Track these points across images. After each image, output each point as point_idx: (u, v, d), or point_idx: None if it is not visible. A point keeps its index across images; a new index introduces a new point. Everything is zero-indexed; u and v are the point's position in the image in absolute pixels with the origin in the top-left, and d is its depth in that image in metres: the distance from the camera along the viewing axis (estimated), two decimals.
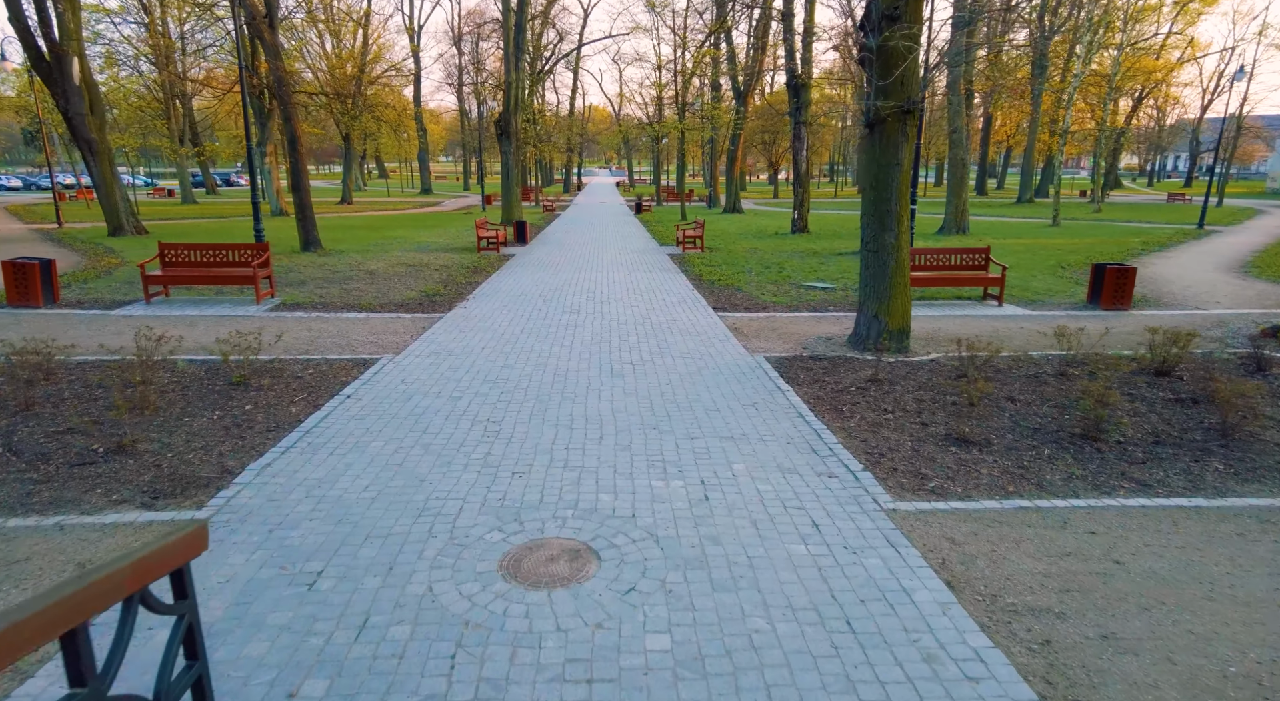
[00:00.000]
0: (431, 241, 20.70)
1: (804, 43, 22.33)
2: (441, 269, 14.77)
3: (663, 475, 4.67)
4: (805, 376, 7.03)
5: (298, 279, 13.14)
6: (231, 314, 10.03)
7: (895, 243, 7.71)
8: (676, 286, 12.70)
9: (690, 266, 15.47)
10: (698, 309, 10.57)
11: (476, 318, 9.83)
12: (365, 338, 8.69)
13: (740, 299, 11.47)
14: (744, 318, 10.02)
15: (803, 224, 23.67)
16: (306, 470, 4.77)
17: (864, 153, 7.80)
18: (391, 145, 57.11)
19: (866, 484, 4.59)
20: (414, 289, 12.19)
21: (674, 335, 8.80)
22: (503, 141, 25.57)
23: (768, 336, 8.86)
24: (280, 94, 16.26)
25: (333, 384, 6.76)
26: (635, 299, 11.36)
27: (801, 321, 9.79)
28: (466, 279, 13.54)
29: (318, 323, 9.52)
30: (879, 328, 7.94)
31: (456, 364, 7.42)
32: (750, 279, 13.51)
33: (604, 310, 10.40)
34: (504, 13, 24.31)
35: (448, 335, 8.77)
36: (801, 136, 23.27)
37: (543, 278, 13.68)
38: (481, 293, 11.97)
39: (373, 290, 12.02)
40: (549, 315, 10.02)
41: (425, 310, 10.44)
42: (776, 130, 54.05)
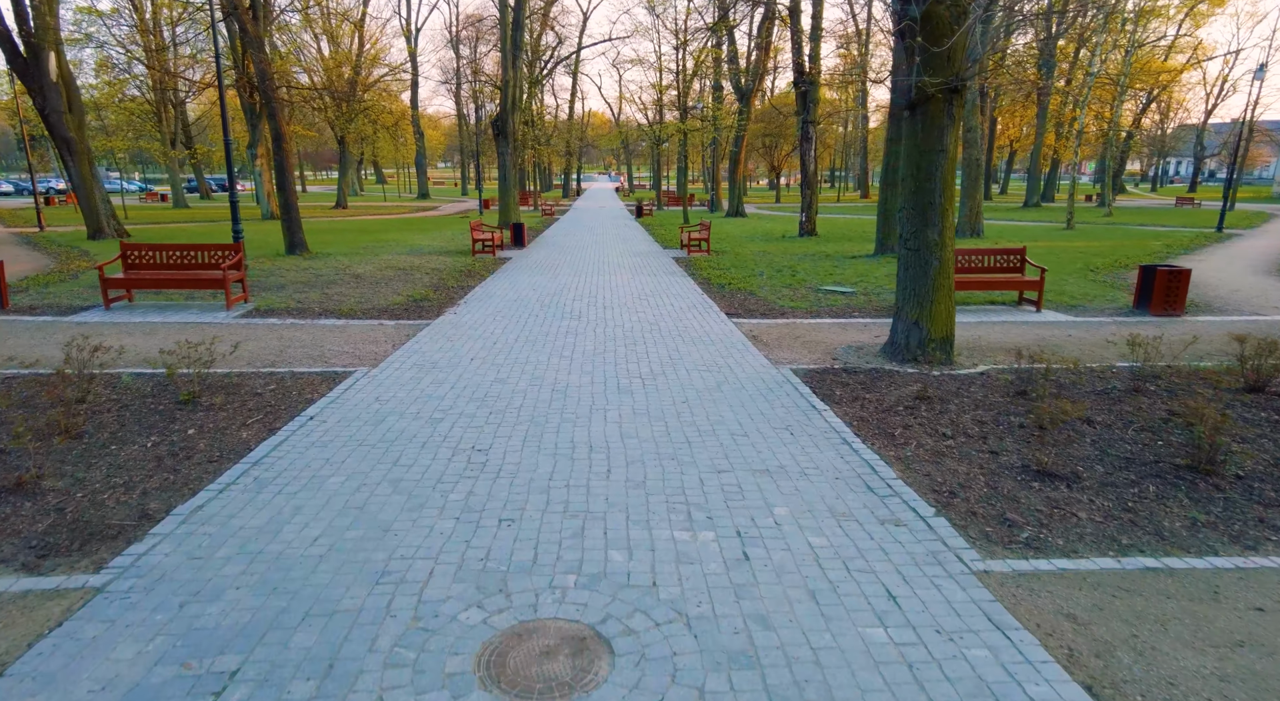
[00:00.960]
0: (425, 245, 19.81)
1: (811, 40, 21.51)
2: (432, 273, 13.86)
3: (688, 523, 3.75)
4: (842, 393, 6.11)
5: (276, 283, 12.22)
6: (198, 321, 9.11)
7: (939, 240, 6.81)
8: (684, 290, 11.80)
9: (697, 270, 14.57)
10: (709, 314, 9.67)
11: (467, 325, 8.92)
12: (340, 347, 7.76)
13: (755, 304, 10.57)
14: (762, 324, 9.11)
15: (811, 227, 22.81)
16: (245, 514, 3.85)
17: (903, 139, 6.91)
18: (388, 150, 56.36)
19: (944, 534, 3.67)
20: (401, 293, 11.27)
21: (686, 344, 7.88)
22: (500, 142, 24.72)
23: (791, 345, 7.95)
24: (264, 88, 15.39)
25: (296, 402, 5.84)
26: (641, 304, 10.45)
27: (826, 329, 8.88)
28: (458, 283, 12.63)
29: (290, 330, 8.60)
30: (920, 336, 7.03)
31: (441, 378, 6.50)
32: (763, 283, 12.61)
33: (607, 316, 9.49)
34: (501, 8, 23.51)
35: (433, 345, 7.85)
36: (810, 137, 22.43)
37: (540, 281, 12.78)
38: (474, 298, 11.06)
39: (356, 295, 11.10)
40: (547, 322, 9.10)
41: (411, 317, 9.52)
42: (778, 134, 53.39)
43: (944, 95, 6.41)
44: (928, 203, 6.77)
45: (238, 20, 14.76)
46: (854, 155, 68.62)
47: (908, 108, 6.63)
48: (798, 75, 22.08)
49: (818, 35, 21.45)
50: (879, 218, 16.81)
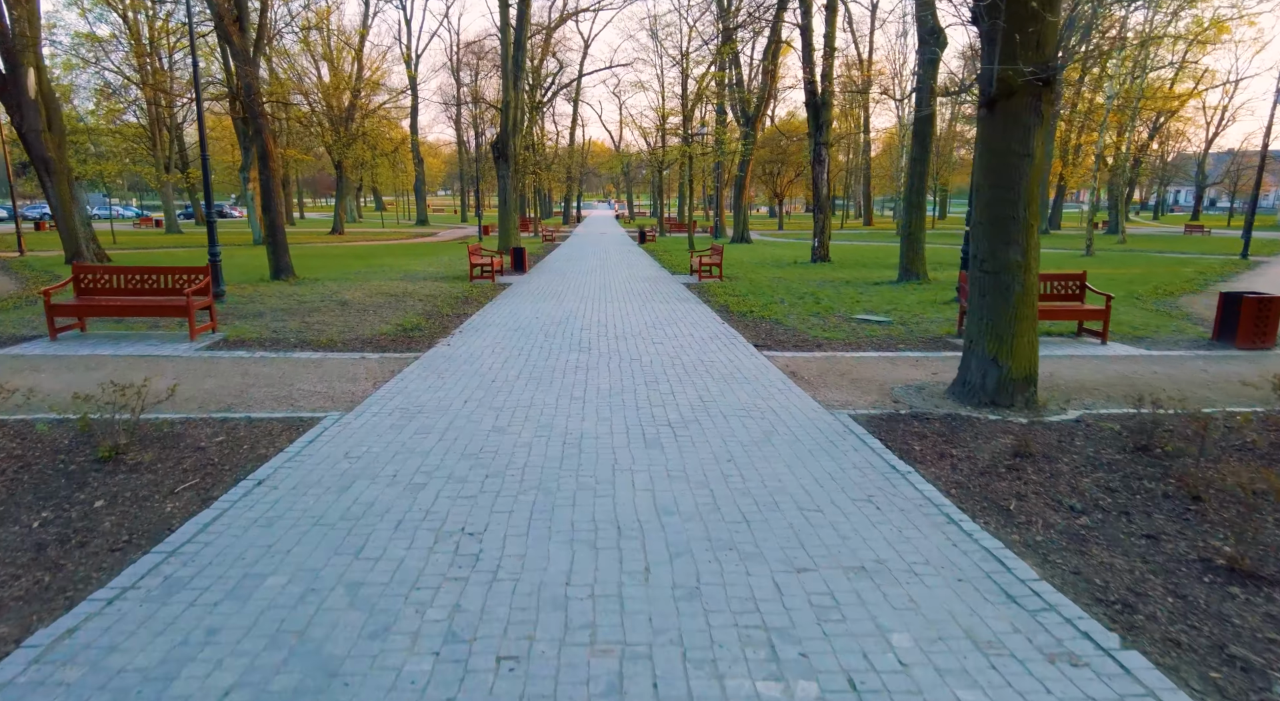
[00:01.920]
0: (420, 270, 18.78)
1: (824, 58, 20.79)
2: (426, 299, 12.78)
3: (773, 664, 2.58)
4: (921, 447, 4.97)
5: (254, 310, 11.11)
6: (155, 353, 7.97)
7: (1022, 261, 5.73)
8: (702, 318, 10.71)
9: (713, 296, 13.51)
10: (736, 346, 8.56)
11: (462, 358, 7.79)
12: (312, 386, 6.63)
13: (784, 334, 9.47)
14: (798, 358, 7.99)
15: (824, 252, 21.86)
16: (132, 646, 2.68)
17: (979, 142, 5.87)
18: (388, 176, 55.85)
19: (1150, 682, 2.50)
20: (390, 322, 10.17)
21: (717, 381, 6.76)
22: (500, 165, 23.87)
23: (838, 384, 6.83)
24: (249, 103, 14.47)
25: (245, 459, 4.69)
26: (657, 333, 9.35)
27: (872, 364, 7.76)
28: (454, 310, 11.54)
29: (257, 365, 7.46)
30: (998, 374, 5.91)
31: (427, 426, 5.35)
32: (786, 311, 11.53)
33: (621, 348, 8.38)
34: (502, 28, 22.84)
35: (422, 382, 6.71)
36: (822, 159, 21.60)
37: (544, 309, 11.69)
38: (471, 327, 9.96)
39: (340, 323, 10.00)
40: (553, 355, 7.98)
41: (399, 348, 8.40)
42: (780, 160, 53.00)
43: (1029, 89, 5.38)
44: (1008, 216, 5.70)
45: (223, 33, 13.89)
46: (855, 182, 68.30)
47: (985, 105, 5.60)
48: (810, 95, 21.32)
49: (831, 53, 20.73)
50: (902, 242, 15.83)
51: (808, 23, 21.22)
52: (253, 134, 14.97)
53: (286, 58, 40.61)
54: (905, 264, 15.82)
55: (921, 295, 13.53)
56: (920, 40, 14.80)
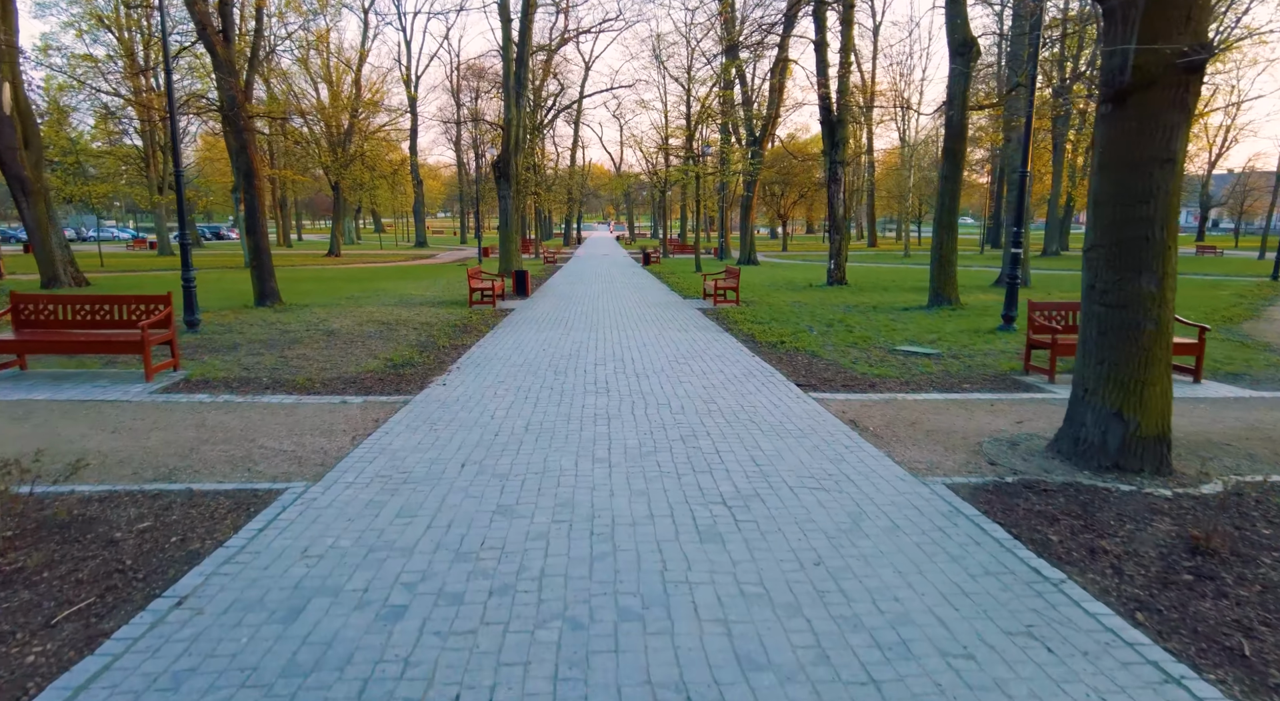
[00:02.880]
0: (417, 294, 17.70)
1: (839, 73, 19.93)
2: (421, 328, 11.65)
3: None
4: (1059, 536, 3.79)
5: (229, 342, 9.97)
6: (101, 398, 6.81)
7: (1157, 294, 4.60)
8: (729, 350, 9.57)
9: (734, 323, 12.39)
10: (776, 385, 7.41)
11: (459, 403, 6.63)
12: (279, 442, 5.46)
13: (827, 371, 8.32)
14: (854, 402, 6.84)
15: (840, 275, 20.81)
16: None
17: (1099, 145, 4.77)
18: (387, 198, 55.16)
19: None
20: (378, 356, 9.02)
21: (768, 435, 5.60)
22: (501, 185, 22.93)
23: (913, 437, 5.67)
24: (232, 117, 13.48)
25: (170, 559, 3.51)
26: (682, 370, 8.21)
27: (942, 409, 6.61)
28: (452, 341, 10.40)
29: (219, 413, 6.30)
30: (1123, 432, 4.76)
31: (414, 505, 4.18)
32: (820, 341, 10.41)
33: (644, 388, 7.23)
34: (504, 44, 22.03)
35: (410, 437, 5.54)
36: (839, 178, 20.64)
37: (551, 339, 10.55)
38: (470, 361, 8.81)
39: (322, 358, 8.85)
40: (566, 398, 6.83)
41: (387, 390, 7.25)
42: (784, 181, 52.33)
43: (1176, 77, 4.30)
44: (1140, 238, 4.59)
45: (206, 43, 12.94)
46: (858, 203, 67.67)
47: (1111, 99, 4.51)
48: (824, 112, 20.44)
49: (846, 69, 19.88)
50: (933, 265, 14.77)
51: (822, 38, 20.40)
52: (237, 151, 13.94)
53: (284, 78, 40.01)
54: (936, 288, 14.74)
55: (960, 322, 12.43)
56: (951, 53, 13.88)
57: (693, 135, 32.37)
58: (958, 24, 13.60)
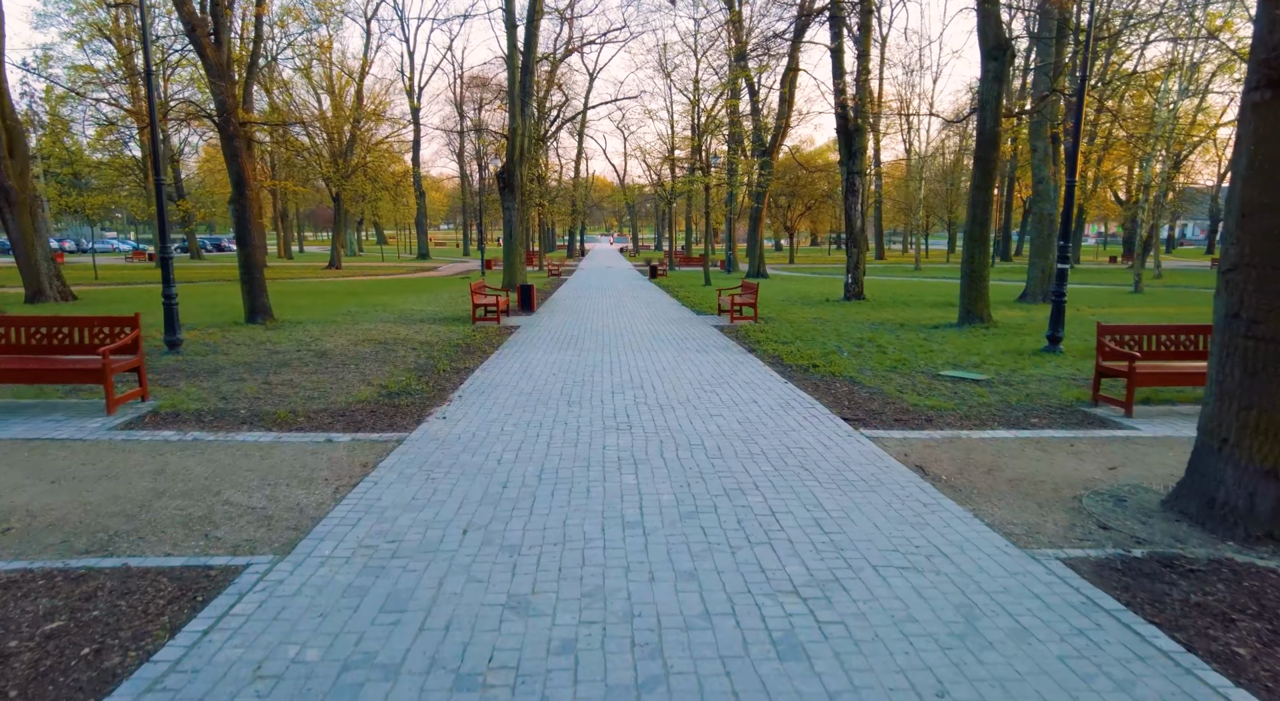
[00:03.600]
0: (418, 310, 16.89)
1: (857, 81, 19.21)
2: (421, 348, 10.82)
3: None
4: (1253, 653, 2.91)
5: (210, 365, 9.14)
6: (51, 436, 5.96)
7: None
8: (758, 375, 8.71)
9: (756, 343, 11.53)
10: (820, 419, 6.54)
11: (460, 443, 5.78)
12: (247, 496, 4.60)
13: (871, 400, 7.46)
14: (913, 441, 5.97)
15: (858, 290, 19.99)
16: None
17: (1251, 142, 3.94)
18: (389, 209, 54.60)
19: None
20: (372, 382, 8.18)
21: (827, 488, 4.73)
22: (505, 196, 22.19)
23: (996, 489, 4.80)
24: (222, 123, 12.72)
25: (72, 686, 2.64)
26: (710, 399, 7.34)
27: (1017, 450, 5.74)
28: (453, 363, 9.55)
29: (183, 456, 5.45)
30: (1276, 496, 3.88)
31: (402, 589, 3.31)
32: (856, 365, 9.55)
33: (671, 422, 6.37)
34: (509, 51, 21.36)
35: (402, 489, 4.68)
36: (856, 188, 19.87)
37: (561, 361, 9.70)
38: (473, 388, 7.96)
39: (310, 385, 8.00)
40: (582, 436, 5.97)
41: (379, 425, 6.39)
42: (791, 192, 51.70)
43: None
44: None
45: (195, 44, 12.21)
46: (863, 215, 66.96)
47: (1271, 83, 3.67)
48: (841, 120, 19.70)
49: (865, 76, 19.15)
50: (964, 281, 13.93)
51: (839, 44, 19.69)
52: (227, 159, 13.19)
53: (284, 88, 39.52)
54: (967, 305, 13.89)
55: (998, 342, 11.57)
56: (984, 55, 13.12)
57: (700, 145, 31.69)
58: (990, 25, 12.85)
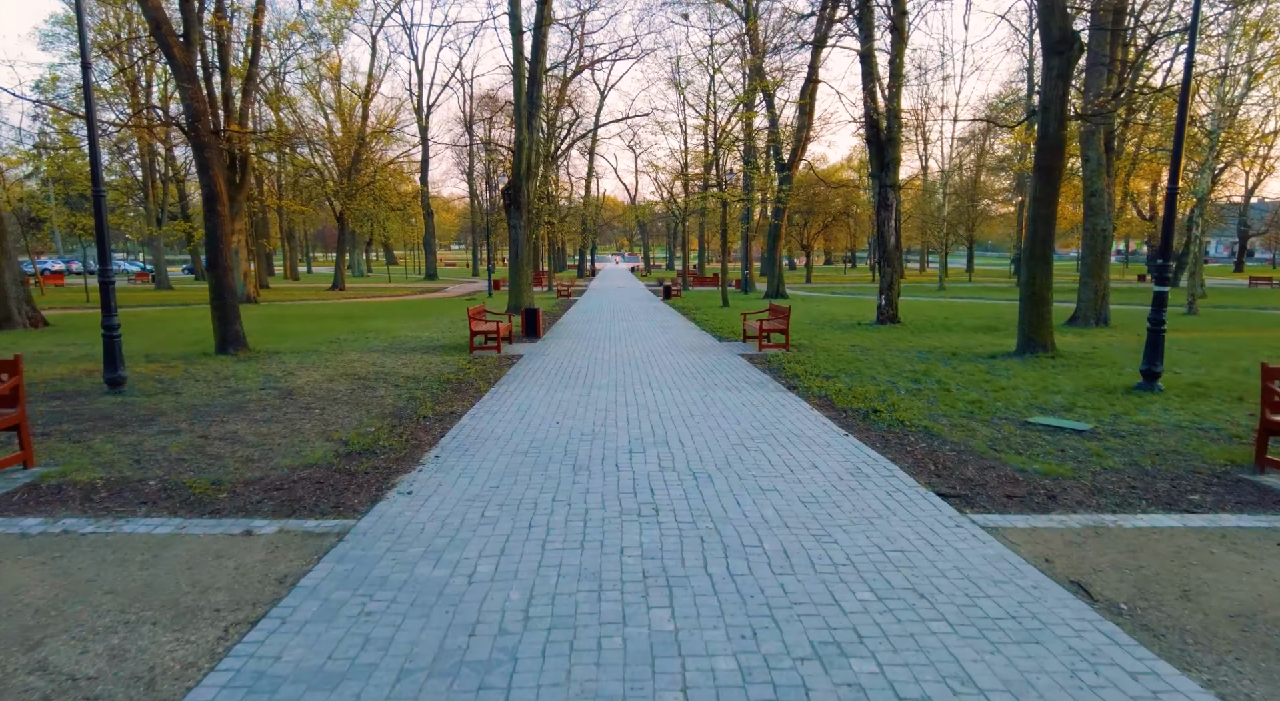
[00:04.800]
0: (413, 336, 15.43)
1: (890, 85, 17.75)
2: (405, 385, 9.29)
3: None
4: None
5: (146, 411, 7.64)
6: None
7: None
8: (807, 423, 7.09)
9: (794, 378, 9.91)
10: (906, 495, 4.92)
11: (421, 540, 4.19)
12: (81, 651, 3.02)
13: (960, 461, 5.81)
14: (1047, 533, 4.32)
15: (892, 312, 18.34)
16: None
17: None
18: (398, 229, 53.61)
19: None
20: (333, 436, 6.63)
21: (964, 637, 3.10)
22: (512, 213, 20.84)
23: (1217, 633, 3.15)
24: (191, 130, 11.39)
25: None
26: (755, 462, 5.73)
27: (1198, 548, 4.08)
28: (437, 408, 7.99)
29: (26, 565, 3.89)
30: None
31: None
32: (919, 407, 7.91)
33: (710, 504, 4.75)
34: (515, 61, 20.11)
35: (320, 636, 3.10)
36: (890, 203, 18.32)
37: (567, 402, 8.13)
38: (456, 444, 6.39)
39: (256, 440, 6.47)
40: (591, 530, 4.37)
41: (322, 504, 4.83)
42: (808, 209, 50.29)
43: None
44: None
45: (161, 43, 10.92)
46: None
47: None
48: (872, 131, 18.22)
49: (898, 79, 17.69)
50: (1023, 304, 12.27)
51: (869, 48, 18.26)
52: (199, 170, 11.84)
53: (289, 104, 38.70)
54: (1027, 332, 12.22)
55: (1075, 377, 9.90)
56: (1046, 50, 11.60)
57: (716, 160, 30.32)
58: (1055, 17, 11.34)
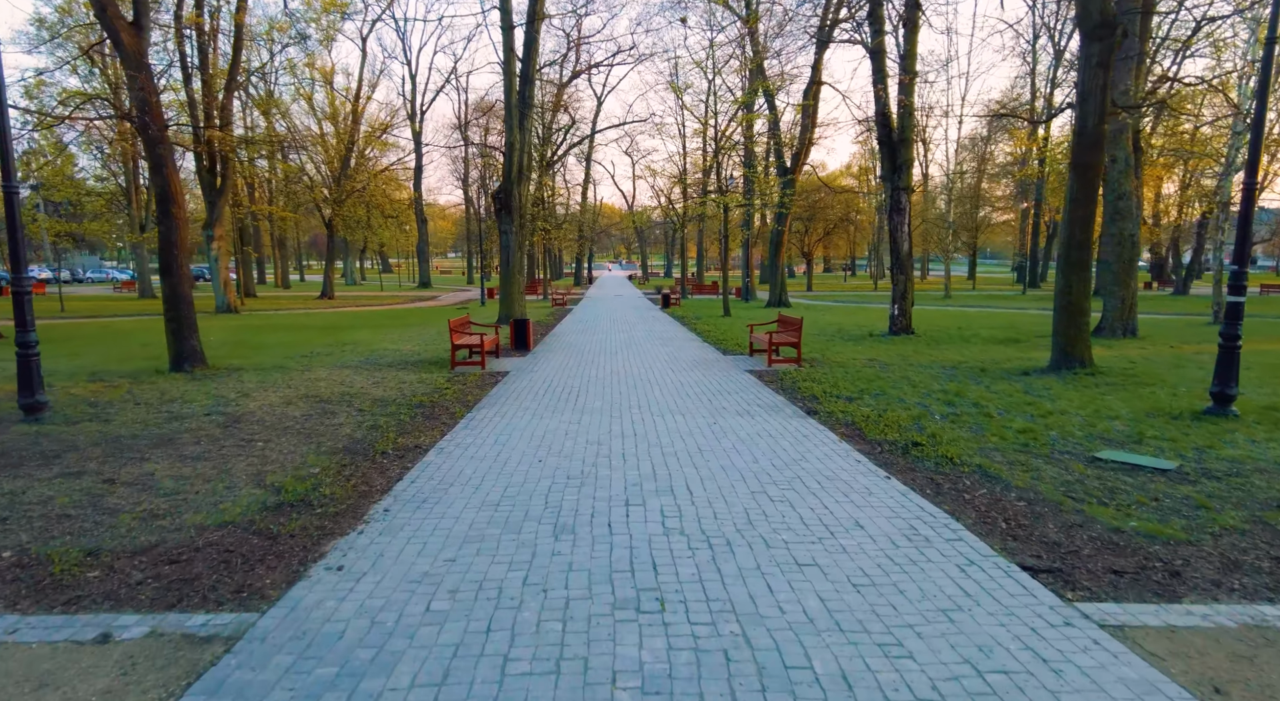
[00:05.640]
0: (393, 349, 14.27)
1: (903, 82, 16.71)
2: (370, 410, 8.13)
3: None
4: None
5: (57, 445, 6.47)
6: None
7: None
8: (838, 461, 5.94)
9: (813, 399, 8.76)
10: (985, 571, 3.77)
11: (338, 653, 3.02)
12: None
13: (1036, 516, 4.66)
14: (1189, 634, 3.17)
15: (905, 323, 17.22)
16: None
17: None
18: (391, 237, 52.50)
19: None
20: (265, 481, 5.46)
21: None
22: (503, 218, 19.73)
23: None
24: (141, 124, 10.27)
25: None
26: (783, 518, 4.58)
27: None
28: (398, 440, 6.82)
29: None
30: None
31: None
32: (963, 437, 6.77)
33: (732, 588, 3.60)
34: (505, 55, 19.03)
35: None
36: (903, 206, 17.23)
37: (553, 434, 6.97)
38: (413, 493, 5.22)
39: (170, 486, 5.30)
40: (574, 636, 3.19)
41: (220, 588, 3.67)
42: (809, 216, 49.28)
43: None
44: None
45: (106, 26, 9.81)
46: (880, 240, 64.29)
47: None
48: (884, 130, 17.17)
49: (912, 76, 16.65)
50: (1060, 314, 11.16)
51: (879, 43, 17.23)
52: (151, 169, 10.71)
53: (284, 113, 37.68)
54: (1063, 345, 11.11)
55: (1126, 398, 8.77)
56: (1084, 36, 10.54)
57: (718, 164, 29.29)
58: None
